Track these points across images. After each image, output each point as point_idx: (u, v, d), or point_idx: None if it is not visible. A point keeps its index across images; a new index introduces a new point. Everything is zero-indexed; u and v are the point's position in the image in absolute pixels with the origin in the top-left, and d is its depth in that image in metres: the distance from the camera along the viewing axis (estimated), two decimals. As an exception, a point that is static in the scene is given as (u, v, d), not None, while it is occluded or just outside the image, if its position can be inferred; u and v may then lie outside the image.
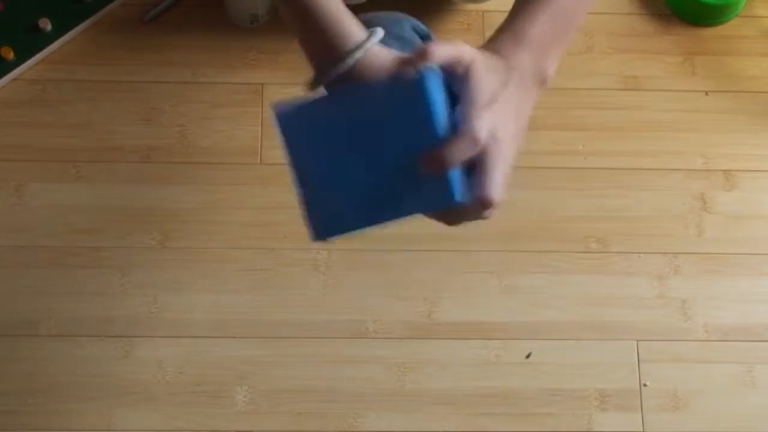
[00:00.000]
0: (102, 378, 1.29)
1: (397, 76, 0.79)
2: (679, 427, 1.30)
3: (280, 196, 1.38)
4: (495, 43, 0.82)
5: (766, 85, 1.47)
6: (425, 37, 0.91)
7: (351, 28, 0.81)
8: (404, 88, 0.77)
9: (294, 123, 0.82)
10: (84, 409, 1.28)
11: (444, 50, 0.76)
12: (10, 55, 1.40)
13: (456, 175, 0.77)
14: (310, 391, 1.30)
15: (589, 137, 1.43)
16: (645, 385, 1.32)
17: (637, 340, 1.34)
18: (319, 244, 1.35)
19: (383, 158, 0.80)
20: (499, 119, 0.77)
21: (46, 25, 1.41)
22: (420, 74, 0.76)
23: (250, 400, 1.29)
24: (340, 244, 1.35)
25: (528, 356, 1.33)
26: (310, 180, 0.83)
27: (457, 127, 0.77)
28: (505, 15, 0.84)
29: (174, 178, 1.38)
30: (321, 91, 0.83)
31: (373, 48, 0.80)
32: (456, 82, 0.78)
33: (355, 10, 1.20)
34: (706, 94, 1.46)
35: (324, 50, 0.80)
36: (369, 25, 0.83)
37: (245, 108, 1.42)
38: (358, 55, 0.79)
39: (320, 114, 0.81)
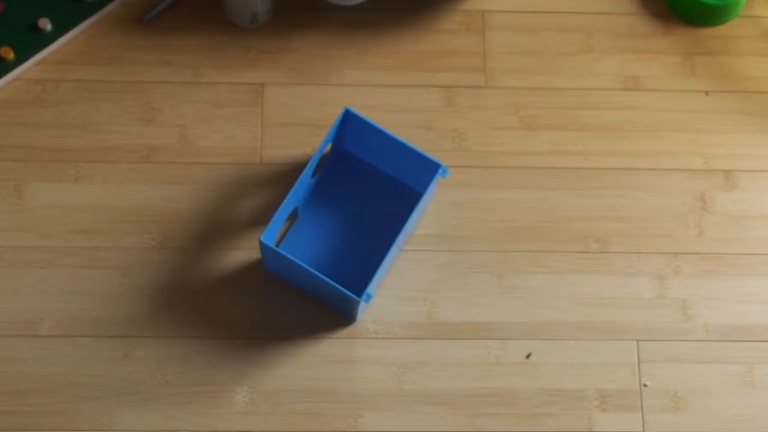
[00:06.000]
0: (102, 378, 1.30)
1: None
2: (679, 427, 1.30)
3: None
4: None
5: (766, 85, 1.47)
6: None
7: None
8: None
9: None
10: (84, 409, 1.28)
11: None
12: (10, 55, 1.40)
13: None
14: (310, 391, 1.30)
15: (589, 137, 1.43)
16: (645, 385, 1.32)
17: (637, 340, 1.34)
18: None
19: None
20: None
21: (46, 25, 1.41)
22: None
23: (250, 400, 1.29)
24: (340, 244, 1.35)
25: (528, 356, 1.33)
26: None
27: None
28: (505, 15, 0.84)
29: (174, 178, 1.38)
30: None
31: None
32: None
33: (353, 10, 1.21)
34: (706, 94, 1.46)
35: None
36: None
37: (245, 108, 1.42)
38: None
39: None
